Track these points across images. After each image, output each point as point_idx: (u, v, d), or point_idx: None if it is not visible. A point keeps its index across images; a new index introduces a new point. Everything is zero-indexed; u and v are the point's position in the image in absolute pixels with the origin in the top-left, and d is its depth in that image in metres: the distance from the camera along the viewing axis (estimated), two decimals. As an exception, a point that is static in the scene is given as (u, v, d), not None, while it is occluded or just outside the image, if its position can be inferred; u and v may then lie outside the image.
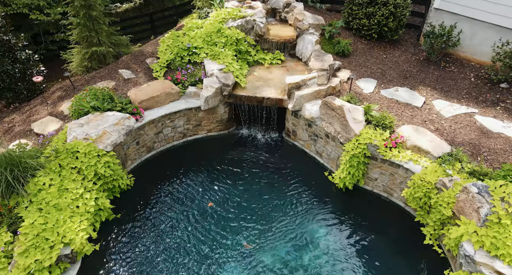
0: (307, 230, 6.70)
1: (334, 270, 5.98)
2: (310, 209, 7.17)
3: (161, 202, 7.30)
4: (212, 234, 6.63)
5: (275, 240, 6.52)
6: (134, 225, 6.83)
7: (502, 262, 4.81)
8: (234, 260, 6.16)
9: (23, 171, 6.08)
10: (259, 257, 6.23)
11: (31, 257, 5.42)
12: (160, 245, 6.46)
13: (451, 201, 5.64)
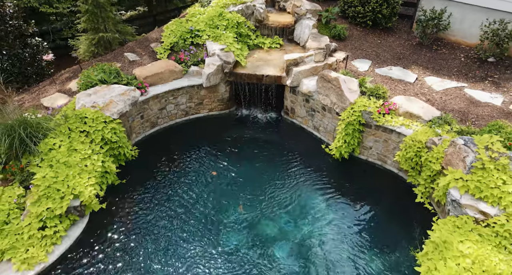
0: (304, 197, 6.91)
1: (331, 234, 6.20)
2: (308, 179, 7.43)
3: (164, 172, 7.57)
4: (213, 200, 6.82)
5: (273, 206, 6.70)
6: (139, 190, 7.11)
7: (485, 203, 5.12)
8: (234, 224, 6.34)
9: (35, 131, 6.41)
10: (258, 221, 6.43)
11: (43, 206, 5.72)
12: (164, 207, 6.71)
13: (440, 156, 5.97)
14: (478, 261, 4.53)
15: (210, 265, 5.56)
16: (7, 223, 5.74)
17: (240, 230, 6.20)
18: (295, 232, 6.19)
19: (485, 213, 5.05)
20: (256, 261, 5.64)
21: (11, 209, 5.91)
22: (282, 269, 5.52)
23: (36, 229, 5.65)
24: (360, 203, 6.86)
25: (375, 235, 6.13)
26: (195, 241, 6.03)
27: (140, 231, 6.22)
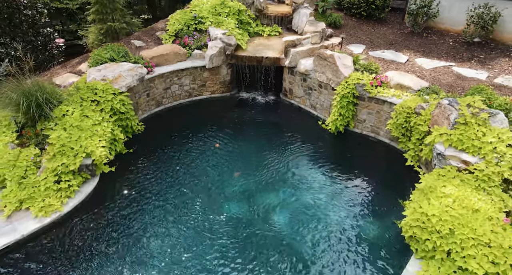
0: (302, 168, 7.22)
1: (327, 199, 6.51)
2: (305, 152, 7.78)
3: (169, 146, 7.89)
4: (215, 171, 7.11)
5: (272, 177, 6.99)
6: (145, 160, 7.48)
7: (467, 154, 5.57)
8: (236, 191, 6.63)
9: (50, 97, 6.88)
10: (258, 189, 6.75)
11: (58, 161, 6.15)
12: (169, 176, 6.93)
13: (427, 118, 6.44)
14: (459, 200, 4.96)
15: (212, 228, 5.80)
16: (25, 178, 6.16)
17: (241, 197, 6.44)
18: (293, 198, 6.44)
19: (466, 162, 5.49)
20: (256, 223, 5.92)
21: (28, 166, 6.34)
22: (280, 229, 5.81)
23: (52, 182, 6.06)
24: (354, 171, 7.25)
25: (367, 197, 6.51)
26: (198, 206, 6.27)
27: (146, 195, 6.54)
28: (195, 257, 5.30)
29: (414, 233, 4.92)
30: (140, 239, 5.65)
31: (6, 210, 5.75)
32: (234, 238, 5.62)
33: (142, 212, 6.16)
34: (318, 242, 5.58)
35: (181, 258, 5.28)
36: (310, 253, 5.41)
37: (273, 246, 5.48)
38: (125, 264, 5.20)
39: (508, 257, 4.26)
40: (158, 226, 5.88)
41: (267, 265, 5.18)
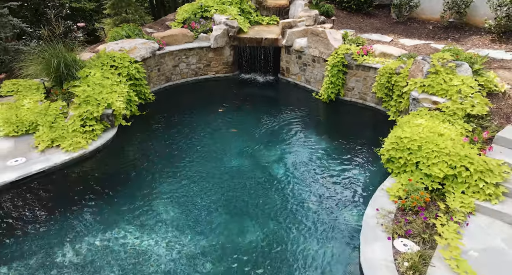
0: (296, 132, 8.01)
1: (320, 154, 7.35)
2: (300, 119, 8.52)
3: (176, 113, 8.71)
4: (218, 135, 7.88)
5: (270, 139, 7.75)
6: (157, 121, 8.33)
7: (437, 96, 6.52)
8: (237, 151, 7.35)
9: (75, 59, 7.88)
10: (258, 149, 7.63)
11: (83, 108, 7.09)
12: (178, 136, 7.76)
13: (405, 75, 7.42)
14: (428, 127, 5.87)
15: (216, 179, 6.42)
16: (54, 123, 7.07)
17: (242, 155, 7.16)
18: (289, 155, 7.18)
19: (436, 102, 6.43)
20: (257, 170, 6.67)
21: (57, 115, 7.27)
22: (278, 179, 6.60)
23: (78, 125, 6.98)
24: (343, 130, 8.08)
25: (353, 148, 7.29)
26: (203, 160, 6.95)
27: (158, 149, 7.31)
28: (202, 192, 6.09)
29: (390, 155, 5.81)
30: (153, 176, 6.50)
31: (40, 146, 6.64)
32: (238, 178, 6.38)
33: (155, 158, 6.98)
34: (312, 178, 6.44)
35: (190, 193, 6.09)
36: (304, 183, 6.28)
37: (271, 183, 6.33)
38: (140, 193, 6.05)
39: (463, 162, 5.14)
40: (169, 167, 6.68)
41: (266, 195, 6.03)
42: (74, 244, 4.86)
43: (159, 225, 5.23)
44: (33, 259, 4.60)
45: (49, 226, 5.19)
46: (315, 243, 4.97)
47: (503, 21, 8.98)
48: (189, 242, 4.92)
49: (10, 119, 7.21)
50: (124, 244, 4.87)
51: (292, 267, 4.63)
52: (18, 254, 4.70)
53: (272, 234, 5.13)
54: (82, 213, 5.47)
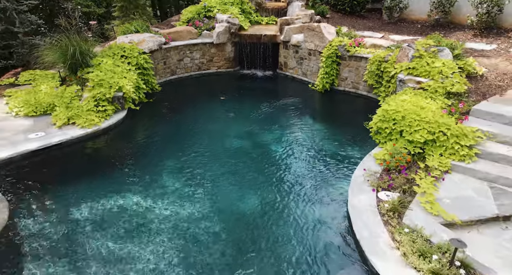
0: (293, 118, 8.60)
1: (316, 136, 7.87)
2: (296, 107, 9.15)
3: (181, 102, 9.38)
4: (220, 122, 8.41)
5: (269, 124, 8.29)
6: (163, 108, 8.96)
7: (420, 77, 7.18)
8: (239, 134, 7.85)
9: (89, 49, 8.57)
10: (258, 132, 8.24)
11: (97, 90, 7.73)
12: (182, 121, 8.30)
13: (393, 61, 8.09)
14: (411, 102, 6.50)
15: (217, 155, 6.94)
16: (70, 104, 7.70)
17: (242, 136, 7.72)
18: (286, 135, 7.76)
19: (419, 82, 7.07)
20: (255, 151, 7.19)
21: (72, 97, 7.90)
22: (275, 153, 7.16)
23: (92, 105, 7.61)
24: (336, 115, 8.79)
25: (346, 130, 7.81)
26: (206, 140, 7.48)
27: (165, 129, 7.92)
28: (205, 167, 6.65)
29: (378, 127, 6.41)
30: (159, 152, 7.12)
31: (57, 123, 7.26)
32: (238, 155, 6.96)
33: (161, 137, 7.59)
34: (306, 152, 7.05)
35: (193, 167, 6.67)
36: (299, 157, 6.88)
37: (269, 158, 6.93)
38: (147, 166, 6.64)
39: (441, 128, 5.73)
40: (175, 145, 7.27)
41: (264, 167, 6.63)
42: (88, 204, 5.37)
43: (164, 192, 5.69)
44: (53, 215, 5.12)
45: (65, 188, 5.73)
46: (309, 200, 5.52)
47: (484, 17, 9.71)
48: (190, 206, 5.38)
49: (29, 101, 7.84)
50: (131, 206, 5.33)
51: (290, 217, 5.18)
52: (40, 210, 5.23)
53: (271, 195, 5.68)
54: (95, 179, 6.03)
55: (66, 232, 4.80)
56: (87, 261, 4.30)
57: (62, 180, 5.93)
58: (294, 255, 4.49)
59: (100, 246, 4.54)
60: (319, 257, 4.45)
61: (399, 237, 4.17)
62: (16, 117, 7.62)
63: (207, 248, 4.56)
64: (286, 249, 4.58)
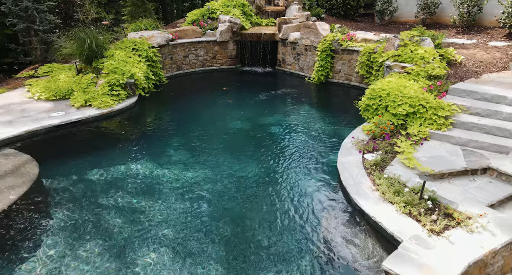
0: (291, 106, 9.37)
1: (311, 120, 8.69)
2: (294, 97, 9.93)
3: (186, 93, 10.19)
4: (223, 109, 9.32)
5: (269, 111, 9.11)
6: (170, 97, 9.76)
7: (405, 63, 7.96)
8: (241, 117, 8.75)
9: (104, 42, 9.40)
10: (259, 117, 9.03)
11: (111, 76, 8.51)
12: (188, 107, 9.15)
13: (381, 52, 8.90)
14: (396, 82, 7.26)
15: (221, 134, 7.69)
16: (86, 89, 8.47)
17: (244, 119, 8.44)
18: (283, 118, 8.50)
19: (404, 67, 7.85)
20: (255, 131, 7.91)
21: (89, 83, 8.68)
22: (274, 132, 7.89)
23: (107, 90, 8.37)
24: (330, 102, 9.53)
25: (338, 114, 8.58)
26: (210, 121, 8.26)
27: (172, 113, 8.73)
28: (209, 142, 7.40)
29: (366, 104, 7.16)
30: (167, 131, 7.87)
31: (76, 104, 8.01)
32: (240, 133, 7.73)
33: (169, 119, 8.39)
34: (302, 131, 7.78)
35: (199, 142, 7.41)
36: (295, 134, 7.61)
37: (268, 135, 7.68)
38: (156, 141, 7.37)
39: (421, 102, 6.46)
40: (181, 126, 8.06)
41: (263, 142, 7.35)
42: (103, 168, 6.01)
43: (171, 161, 6.33)
44: (71, 178, 5.78)
45: (84, 156, 6.42)
46: (303, 163, 6.22)
47: (465, 16, 10.58)
48: (195, 172, 6.00)
49: (50, 87, 8.60)
50: (141, 171, 5.96)
51: (286, 175, 5.87)
52: (63, 171, 5.90)
53: (270, 161, 6.38)
54: (109, 149, 6.73)
55: (85, 187, 5.46)
56: (104, 209, 4.95)
57: (81, 149, 6.65)
58: (292, 198, 5.17)
59: (115, 199, 5.19)
60: (312, 199, 5.13)
61: (379, 181, 4.86)
62: (38, 101, 8.36)
63: (209, 201, 5.22)
64: (284, 195, 5.26)
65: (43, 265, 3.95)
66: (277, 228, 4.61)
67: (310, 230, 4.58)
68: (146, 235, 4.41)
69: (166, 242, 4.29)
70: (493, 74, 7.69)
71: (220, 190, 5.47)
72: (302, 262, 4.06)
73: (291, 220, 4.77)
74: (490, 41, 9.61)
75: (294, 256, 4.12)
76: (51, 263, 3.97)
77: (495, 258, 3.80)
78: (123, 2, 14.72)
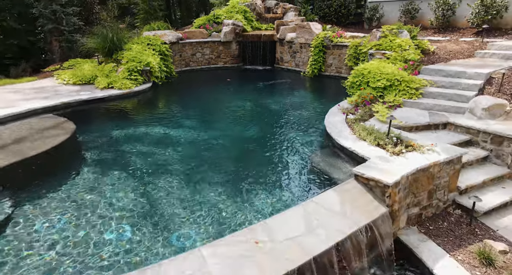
0: (286, 93, 10.64)
1: (304, 102, 9.98)
2: (290, 87, 11.23)
3: (194, 84, 11.49)
4: (227, 97, 10.67)
5: (268, 96, 10.47)
6: (180, 86, 11.04)
7: (385, 51, 9.25)
8: (243, 97, 10.03)
9: (123, 36, 10.75)
10: (261, 99, 10.31)
11: (130, 64, 9.79)
12: (196, 95, 10.54)
13: (365, 44, 10.23)
14: (376, 65, 8.53)
15: (225, 110, 9.00)
16: (108, 75, 9.74)
17: (245, 101, 9.68)
18: (280, 100, 9.77)
19: (384, 54, 9.14)
20: (255, 107, 9.19)
21: (110, 70, 9.95)
22: (272, 108, 9.13)
23: (126, 75, 9.63)
24: (322, 91, 10.78)
25: (328, 98, 9.81)
26: (216, 101, 9.61)
27: (182, 96, 9.95)
28: (216, 114, 8.66)
29: (351, 82, 8.40)
30: (178, 108, 9.07)
31: (100, 86, 9.23)
32: (242, 109, 8.96)
33: (179, 100, 9.65)
34: (297, 107, 8.99)
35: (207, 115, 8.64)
36: (291, 109, 8.83)
37: (267, 110, 8.88)
38: (170, 113, 8.57)
39: (396, 77, 7.70)
40: (190, 105, 9.30)
41: (263, 114, 8.55)
42: (126, 129, 7.17)
43: (182, 126, 7.44)
44: (101, 133, 6.90)
45: (110, 121, 7.60)
46: (297, 125, 7.39)
47: (441, 19, 11.99)
48: (202, 132, 7.10)
49: (76, 74, 9.86)
50: (156, 131, 7.08)
51: (283, 132, 7.03)
52: (92, 130, 7.06)
53: (270, 125, 7.56)
54: (130, 117, 7.92)
55: (112, 139, 6.61)
56: (127, 153, 6.07)
57: (107, 116, 7.86)
58: (290, 144, 6.33)
59: (136, 147, 6.30)
60: (304, 145, 6.30)
61: (357, 128, 6.03)
62: (66, 84, 9.60)
63: (215, 149, 6.37)
64: (284, 143, 6.42)
65: (82, 183, 5.07)
66: (276, 158, 5.76)
67: (302, 159, 5.75)
68: (160, 169, 5.50)
69: (175, 173, 5.40)
70: (460, 60, 8.97)
71: (223, 143, 6.62)
72: (298, 176, 5.18)
73: (288, 155, 5.92)
74: (461, 37, 10.97)
75: (292, 173, 5.27)
76: (88, 182, 5.09)
77: (440, 173, 4.93)
78: (136, 11, 16.23)
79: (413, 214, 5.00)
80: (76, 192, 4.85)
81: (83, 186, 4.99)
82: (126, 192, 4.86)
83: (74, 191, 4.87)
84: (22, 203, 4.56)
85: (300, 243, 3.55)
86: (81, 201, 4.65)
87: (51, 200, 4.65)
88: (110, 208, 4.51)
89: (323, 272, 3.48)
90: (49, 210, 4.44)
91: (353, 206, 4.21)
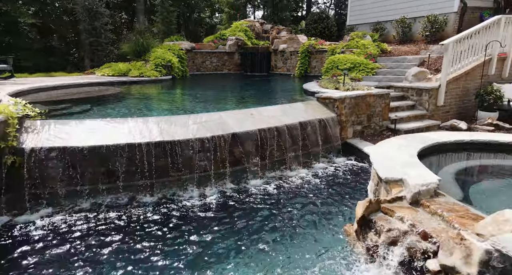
0: (278, 89, 13.62)
1: (291, 87, 12.88)
2: (281, 84, 14.11)
3: (205, 80, 14.33)
4: (232, 90, 13.52)
5: (264, 89, 13.35)
6: (194, 81, 13.93)
7: (353, 48, 12.18)
8: (241, 86, 12.94)
9: (151, 42, 13.74)
10: (261, 95, 13.14)
11: (156, 60, 12.70)
12: (205, 88, 13.40)
13: (339, 46, 13.21)
14: (345, 56, 11.37)
15: (229, 88, 11.89)
16: (139, 68, 12.60)
17: (246, 86, 12.64)
18: (274, 85, 12.59)
19: (352, 50, 12.04)
20: (255, 86, 12.03)
21: (140, 66, 12.83)
22: (266, 89, 11.96)
23: (153, 67, 12.48)
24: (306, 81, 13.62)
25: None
26: (223, 88, 12.41)
27: (196, 85, 12.78)
28: (222, 92, 11.36)
29: (326, 68, 11.21)
30: (192, 91, 11.81)
31: (134, 75, 12.05)
32: (244, 89, 11.72)
33: (194, 86, 12.37)
34: (284, 86, 11.75)
35: (215, 93, 11.37)
36: (278, 87, 11.59)
37: (265, 83, 11.64)
38: (186, 91, 11.31)
39: (358, 62, 10.52)
40: (202, 91, 12.04)
41: (258, 88, 11.28)
42: (153, 96, 9.88)
43: (197, 97, 10.25)
44: (135, 95, 9.62)
45: (130, 99, 10.32)
46: (282, 91, 10.09)
47: (401, 34, 15.07)
48: (207, 94, 9.91)
49: (114, 69, 12.70)
50: (175, 95, 9.87)
51: (272, 94, 9.70)
52: (131, 92, 9.75)
53: (263, 91, 10.25)
54: (157, 92, 10.63)
55: (140, 98, 9.29)
56: (151, 105, 8.73)
57: (139, 91, 10.54)
58: (276, 93, 8.98)
59: (158, 102, 8.97)
60: (285, 96, 8.95)
61: (322, 83, 8.71)
62: (106, 76, 12.39)
63: (231, 96, 9.02)
64: (276, 94, 9.07)
65: (119, 110, 7.67)
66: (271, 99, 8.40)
67: (283, 97, 8.38)
68: (173, 110, 8.11)
69: (210, 100, 8.01)
70: (408, 56, 11.83)
71: (236, 95, 9.29)
72: (276, 100, 7.79)
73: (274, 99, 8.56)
74: (415, 45, 13.92)
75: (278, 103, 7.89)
76: (124, 110, 7.68)
77: (375, 103, 7.53)
78: (156, 31, 19.49)
79: (357, 130, 7.52)
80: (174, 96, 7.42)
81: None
82: (191, 101, 7.43)
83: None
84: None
85: (277, 118, 6.10)
86: (178, 98, 7.23)
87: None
88: (187, 102, 7.06)
89: (293, 139, 6.01)
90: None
91: (314, 110, 6.79)
